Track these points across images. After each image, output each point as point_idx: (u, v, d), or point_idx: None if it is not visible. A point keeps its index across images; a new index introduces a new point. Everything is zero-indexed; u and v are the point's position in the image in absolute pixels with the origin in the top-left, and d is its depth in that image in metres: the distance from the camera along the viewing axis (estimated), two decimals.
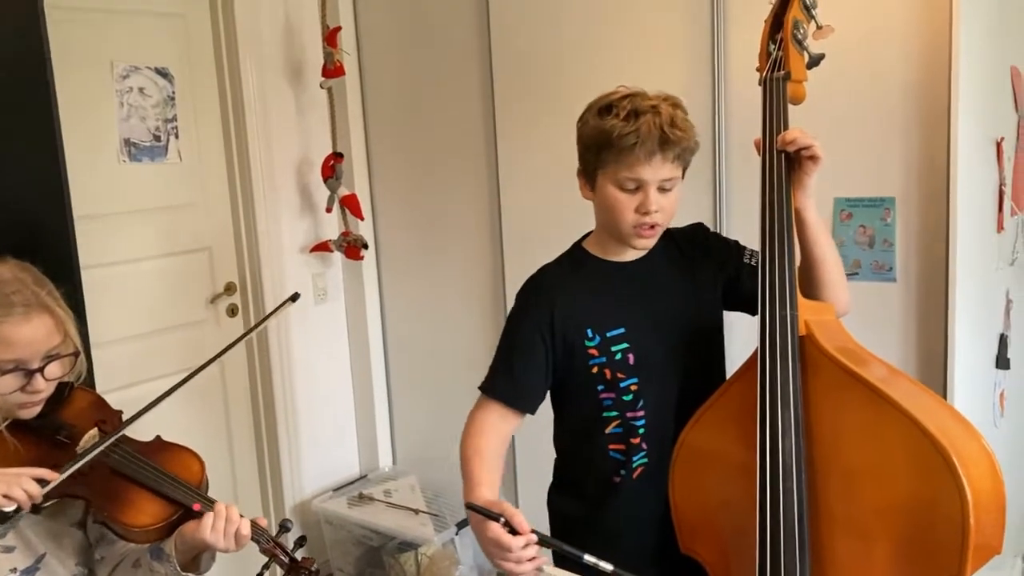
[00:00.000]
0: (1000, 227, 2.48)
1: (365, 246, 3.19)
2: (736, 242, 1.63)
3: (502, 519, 1.30)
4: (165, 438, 1.55)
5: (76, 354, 1.43)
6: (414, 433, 3.45)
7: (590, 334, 1.53)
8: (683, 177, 1.51)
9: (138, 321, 2.83)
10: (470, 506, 1.37)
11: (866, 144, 2.26)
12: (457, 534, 2.99)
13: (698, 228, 1.64)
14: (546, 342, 1.54)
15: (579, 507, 1.57)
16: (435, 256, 3.23)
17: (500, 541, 1.30)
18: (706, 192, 2.51)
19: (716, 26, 2.43)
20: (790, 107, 1.47)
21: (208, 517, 1.36)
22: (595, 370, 1.53)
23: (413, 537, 2.97)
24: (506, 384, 1.56)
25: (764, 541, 1.31)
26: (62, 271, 1.55)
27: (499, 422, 1.55)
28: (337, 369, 3.42)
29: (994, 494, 1.22)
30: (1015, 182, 2.60)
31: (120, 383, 2.47)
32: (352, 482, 3.37)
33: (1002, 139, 2.43)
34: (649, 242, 1.51)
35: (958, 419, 1.29)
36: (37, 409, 1.41)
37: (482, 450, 1.51)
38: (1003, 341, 2.56)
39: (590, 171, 1.51)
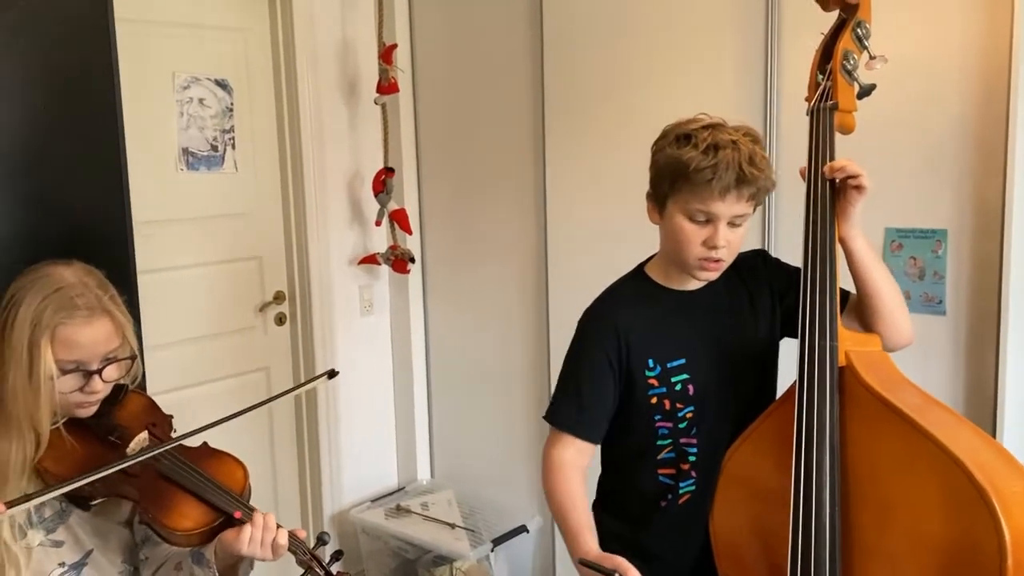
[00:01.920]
0: None
1: (412, 260, 3.22)
2: (798, 270, 1.61)
3: (616, 574, 1.33)
4: (211, 444, 1.58)
5: (133, 358, 1.47)
6: (453, 448, 3.47)
7: (651, 364, 1.52)
8: (754, 212, 1.49)
9: (188, 326, 2.89)
10: (584, 562, 1.38)
11: (918, 174, 2.24)
12: (493, 551, 2.99)
13: (759, 255, 1.63)
14: (614, 370, 1.52)
15: (621, 526, 1.56)
16: (480, 272, 3.26)
17: None
18: (755, 218, 2.50)
19: (770, 51, 2.43)
20: (840, 136, 1.46)
21: (246, 531, 1.37)
22: (654, 400, 1.52)
23: (449, 551, 2.98)
24: (578, 415, 1.53)
25: (795, 571, 1.31)
26: (120, 276, 1.60)
27: (577, 457, 1.52)
28: (380, 381, 3.45)
29: None
30: None
31: (169, 386, 2.52)
32: (390, 494, 3.40)
33: None
34: (712, 275, 1.50)
35: (1002, 456, 1.27)
36: (93, 409, 1.45)
37: (574, 497, 1.49)
38: None
39: (660, 197, 1.49)
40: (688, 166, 1.40)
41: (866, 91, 1.45)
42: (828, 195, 1.40)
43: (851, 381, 1.33)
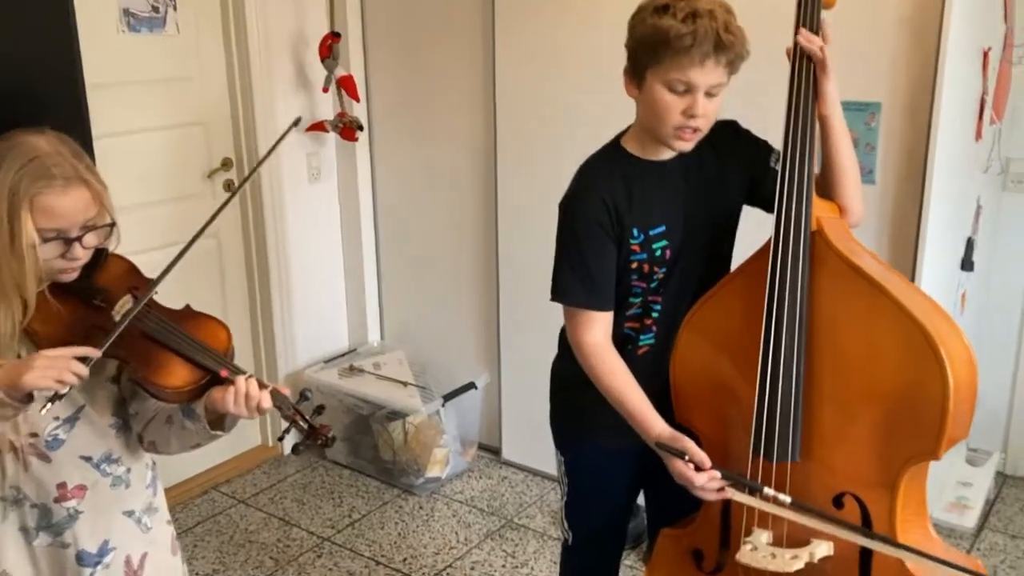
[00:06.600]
0: (978, 135, 2.58)
1: (360, 128, 3.22)
2: (766, 143, 1.68)
3: (686, 456, 1.49)
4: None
5: (112, 224, 1.51)
6: (402, 310, 3.58)
7: (635, 233, 1.60)
8: (728, 81, 1.54)
9: (136, 192, 2.87)
10: (659, 445, 1.53)
11: (855, 48, 2.31)
12: (443, 406, 3.15)
13: (730, 125, 1.68)
14: (611, 238, 1.60)
15: (580, 372, 1.67)
16: (428, 138, 3.28)
17: (684, 475, 1.49)
18: None
19: None
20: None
21: (230, 393, 1.44)
22: (634, 265, 1.62)
23: (402, 407, 3.13)
24: (590, 290, 1.61)
25: (761, 413, 1.47)
26: (76, 140, 1.59)
27: (606, 334, 1.62)
28: (329, 246, 3.51)
29: (970, 384, 1.38)
30: (997, 92, 2.70)
31: (122, 251, 2.53)
32: (342, 355, 3.52)
33: (989, 49, 2.51)
34: (689, 145, 1.55)
35: (944, 315, 1.43)
36: (75, 274, 1.49)
37: (625, 379, 1.59)
38: (970, 244, 2.71)
39: (639, 69, 1.53)
40: (668, 33, 1.45)
41: None
42: (811, 71, 1.49)
43: (821, 244, 1.46)
